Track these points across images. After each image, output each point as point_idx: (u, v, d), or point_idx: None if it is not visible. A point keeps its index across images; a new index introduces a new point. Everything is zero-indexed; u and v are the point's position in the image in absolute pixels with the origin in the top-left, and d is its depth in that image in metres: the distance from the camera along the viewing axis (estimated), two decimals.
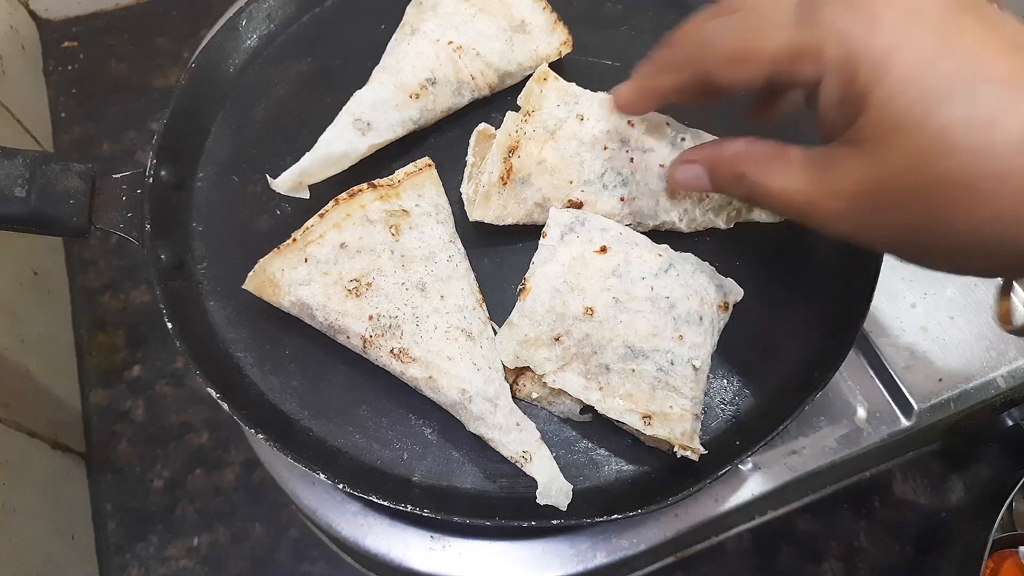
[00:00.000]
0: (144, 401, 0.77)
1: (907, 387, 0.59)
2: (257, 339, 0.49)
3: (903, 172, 0.31)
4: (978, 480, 0.72)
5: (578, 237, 0.48)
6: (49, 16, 0.98)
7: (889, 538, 0.70)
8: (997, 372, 0.60)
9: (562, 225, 0.48)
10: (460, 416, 0.45)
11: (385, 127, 0.51)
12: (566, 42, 0.57)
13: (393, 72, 0.53)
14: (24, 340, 0.71)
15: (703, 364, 0.46)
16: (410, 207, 0.49)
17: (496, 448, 0.45)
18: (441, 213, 0.50)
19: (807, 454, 0.57)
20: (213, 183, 0.53)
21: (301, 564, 0.70)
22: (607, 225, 0.49)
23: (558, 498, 0.43)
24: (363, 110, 0.51)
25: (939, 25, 0.31)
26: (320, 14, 0.60)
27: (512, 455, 0.44)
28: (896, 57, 0.30)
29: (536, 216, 0.50)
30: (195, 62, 0.54)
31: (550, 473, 0.44)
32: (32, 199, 0.47)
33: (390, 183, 0.49)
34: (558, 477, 0.44)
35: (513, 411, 0.45)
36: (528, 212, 0.50)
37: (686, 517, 0.54)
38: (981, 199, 0.29)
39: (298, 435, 0.46)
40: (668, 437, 0.43)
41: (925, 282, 0.63)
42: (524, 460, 0.44)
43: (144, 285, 0.82)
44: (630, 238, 0.49)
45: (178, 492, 0.73)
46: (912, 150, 0.30)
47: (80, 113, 0.93)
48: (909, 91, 0.30)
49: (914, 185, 0.31)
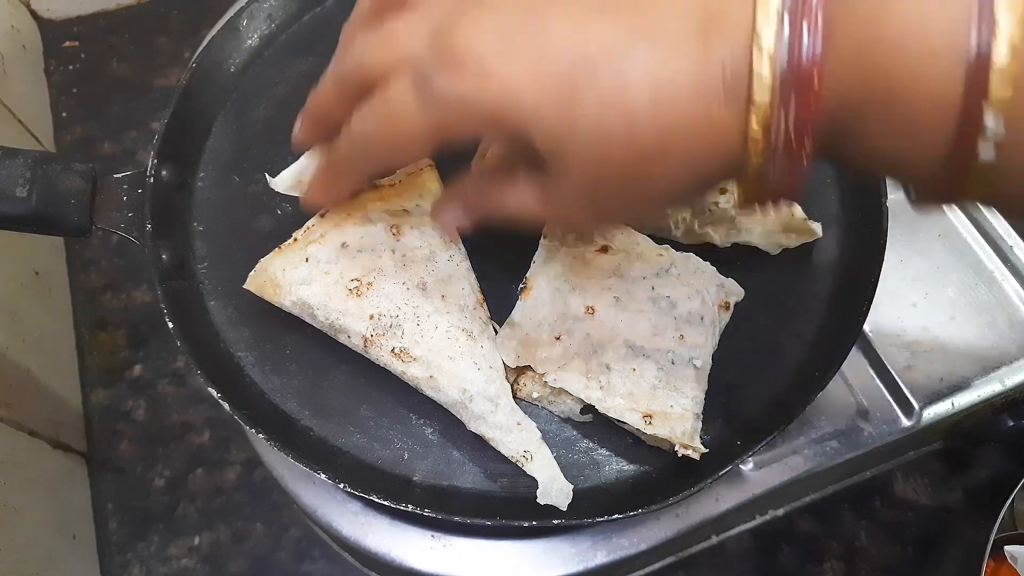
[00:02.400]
0: (145, 401, 0.77)
1: (908, 387, 0.59)
2: (258, 339, 0.49)
3: (593, 182, 0.33)
4: (979, 480, 0.72)
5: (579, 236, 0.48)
6: (50, 16, 0.98)
7: (890, 538, 0.70)
8: (998, 372, 0.60)
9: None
10: (461, 416, 0.45)
11: None
12: None
13: None
14: (25, 340, 0.71)
15: (704, 364, 0.46)
16: (411, 207, 0.49)
17: (497, 447, 0.45)
18: None
19: (807, 454, 0.57)
20: (214, 183, 0.54)
21: (302, 563, 0.70)
22: None
23: (558, 498, 0.43)
24: None
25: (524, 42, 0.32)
26: (321, 14, 0.60)
27: (513, 455, 0.44)
28: (518, 98, 0.32)
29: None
30: (196, 62, 0.54)
31: (551, 473, 0.44)
32: (33, 199, 0.46)
33: (391, 183, 0.49)
34: (559, 477, 0.44)
35: (514, 411, 0.45)
36: None
37: (687, 517, 0.54)
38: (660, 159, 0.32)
39: (299, 435, 0.46)
40: (669, 436, 0.43)
41: (926, 282, 0.63)
42: (525, 460, 0.44)
43: (145, 285, 0.82)
44: (631, 238, 0.49)
45: (179, 492, 0.73)
46: (585, 163, 0.33)
47: (81, 113, 0.93)
48: (548, 115, 0.32)
49: (603, 188, 0.33)
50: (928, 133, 0.28)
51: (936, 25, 0.26)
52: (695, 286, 0.47)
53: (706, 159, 0.31)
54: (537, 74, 0.31)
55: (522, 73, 0.31)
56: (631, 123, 0.30)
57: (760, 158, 0.30)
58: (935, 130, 0.27)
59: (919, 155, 0.29)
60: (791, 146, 0.29)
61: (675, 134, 0.30)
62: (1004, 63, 0.25)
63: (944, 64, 0.26)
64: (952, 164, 0.28)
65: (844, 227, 0.53)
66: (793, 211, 0.50)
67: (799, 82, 0.28)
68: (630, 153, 0.31)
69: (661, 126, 0.30)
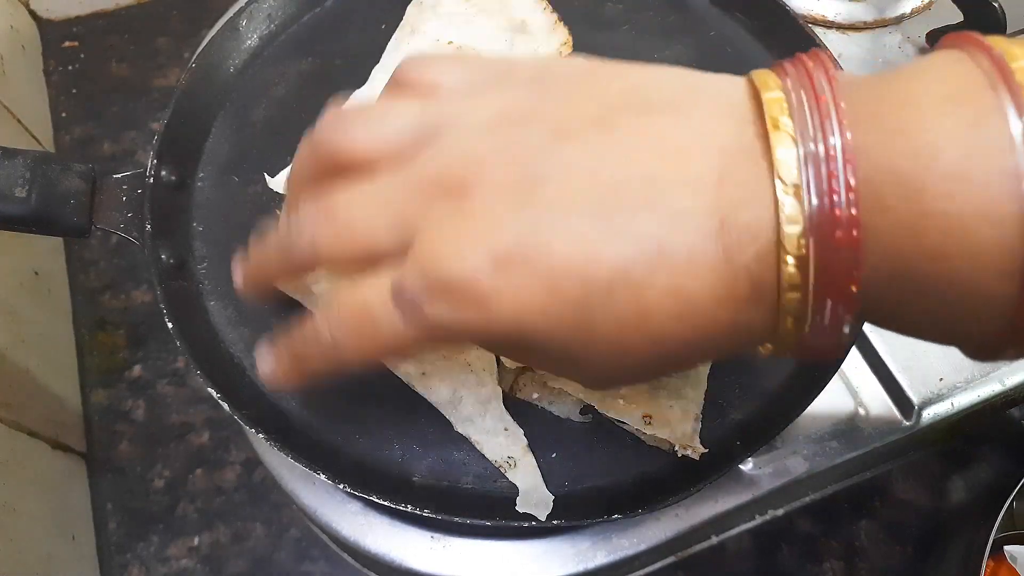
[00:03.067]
0: (145, 401, 0.77)
1: (908, 387, 0.59)
2: (258, 339, 0.48)
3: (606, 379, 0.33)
4: (979, 480, 0.72)
5: None
6: (50, 16, 0.98)
7: (890, 538, 0.70)
8: (998, 372, 0.60)
9: None
10: (450, 416, 0.45)
11: None
12: (566, 42, 0.57)
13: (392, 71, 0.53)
14: (24, 340, 0.71)
15: (704, 364, 0.46)
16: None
17: (481, 451, 0.45)
18: None
19: (807, 454, 0.57)
20: (214, 183, 0.53)
21: (302, 564, 0.70)
22: None
23: (538, 508, 0.42)
24: None
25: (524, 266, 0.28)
26: (320, 14, 0.60)
27: (497, 459, 0.44)
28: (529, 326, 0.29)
29: None
30: (195, 62, 0.54)
31: (532, 482, 0.44)
32: (33, 199, 0.46)
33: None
34: (540, 487, 0.43)
35: (503, 416, 0.45)
36: None
37: (687, 517, 0.54)
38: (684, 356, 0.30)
39: (299, 435, 0.46)
40: (669, 437, 0.43)
41: None
42: (508, 466, 0.44)
43: (145, 285, 0.82)
44: None
45: (179, 492, 0.73)
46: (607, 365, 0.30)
47: (81, 113, 0.93)
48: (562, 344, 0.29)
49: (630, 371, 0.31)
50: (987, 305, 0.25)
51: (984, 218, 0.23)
52: None
53: (734, 349, 0.30)
54: (546, 302, 0.28)
55: (530, 302, 0.28)
56: (653, 341, 0.29)
57: (793, 342, 0.29)
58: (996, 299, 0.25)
59: (978, 326, 0.26)
60: (826, 333, 0.28)
61: (700, 341, 0.29)
62: None
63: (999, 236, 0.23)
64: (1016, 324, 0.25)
65: None
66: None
67: (834, 290, 0.26)
68: (651, 358, 0.30)
69: (685, 339, 0.29)
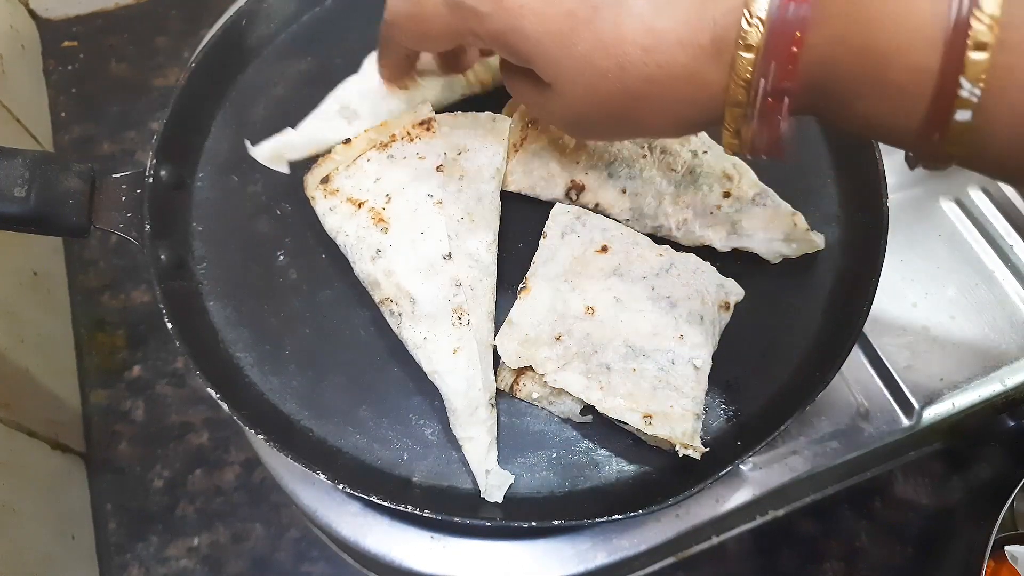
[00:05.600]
0: (144, 401, 0.77)
1: (908, 387, 0.59)
2: (257, 339, 0.49)
3: (581, 110, 0.37)
4: (979, 480, 0.71)
5: (579, 237, 0.48)
6: (49, 16, 0.98)
7: (890, 538, 0.70)
8: (998, 372, 0.60)
9: (562, 224, 0.48)
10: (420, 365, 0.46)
11: (371, 116, 0.52)
12: None
13: None
14: (24, 340, 0.71)
15: (704, 364, 0.45)
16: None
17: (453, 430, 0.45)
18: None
19: (808, 454, 0.57)
20: (213, 183, 0.53)
21: (301, 564, 0.70)
22: (608, 225, 0.49)
23: (492, 492, 0.44)
24: (351, 98, 0.52)
25: None
26: (320, 13, 0.60)
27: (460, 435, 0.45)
28: (523, 27, 0.35)
29: (539, 189, 0.51)
30: (195, 62, 0.54)
31: (495, 481, 0.44)
32: (32, 199, 0.46)
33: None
34: (499, 486, 0.44)
35: (491, 414, 0.45)
36: (532, 184, 0.51)
37: (687, 517, 0.54)
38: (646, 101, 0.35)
39: (298, 435, 0.46)
40: (669, 437, 0.43)
41: (926, 282, 0.63)
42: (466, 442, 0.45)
43: (144, 285, 0.82)
44: (631, 238, 0.49)
45: (178, 492, 0.73)
46: (576, 94, 0.36)
47: (80, 113, 0.93)
48: (548, 48, 0.35)
49: (590, 116, 0.37)
50: (907, 97, 0.29)
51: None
52: (695, 286, 0.47)
53: (689, 107, 0.34)
54: (543, 10, 0.34)
55: (530, 7, 0.35)
56: (621, 67, 0.33)
57: (740, 111, 0.33)
58: (914, 94, 0.29)
59: (899, 119, 0.30)
60: (769, 103, 0.32)
61: (661, 83, 0.33)
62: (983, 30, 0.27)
63: (925, 34, 0.28)
64: (931, 126, 0.29)
65: (844, 227, 0.53)
66: (796, 220, 0.50)
67: (782, 45, 0.30)
68: (618, 93, 0.35)
69: (649, 74, 0.33)
